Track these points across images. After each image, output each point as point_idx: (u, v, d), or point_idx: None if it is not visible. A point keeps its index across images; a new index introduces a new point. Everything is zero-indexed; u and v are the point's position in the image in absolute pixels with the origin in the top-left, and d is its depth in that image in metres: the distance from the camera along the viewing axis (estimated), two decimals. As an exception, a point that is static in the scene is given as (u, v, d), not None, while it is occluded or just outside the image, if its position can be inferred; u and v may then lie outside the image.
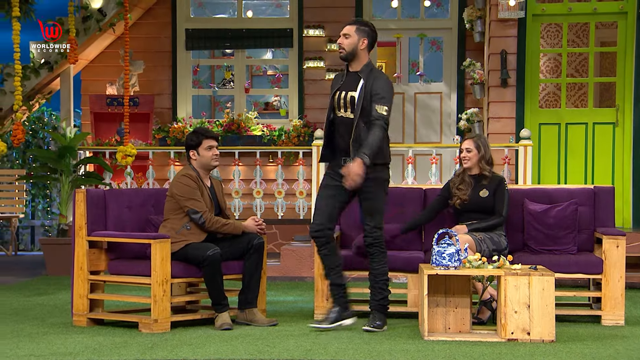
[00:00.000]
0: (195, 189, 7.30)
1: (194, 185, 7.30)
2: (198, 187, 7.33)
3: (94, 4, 11.93)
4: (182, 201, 7.28)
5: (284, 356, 6.07)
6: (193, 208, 7.25)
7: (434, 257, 6.86)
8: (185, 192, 7.27)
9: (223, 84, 13.80)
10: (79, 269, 7.43)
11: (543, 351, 6.31)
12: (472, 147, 7.82)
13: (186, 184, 7.29)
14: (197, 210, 7.25)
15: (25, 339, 6.74)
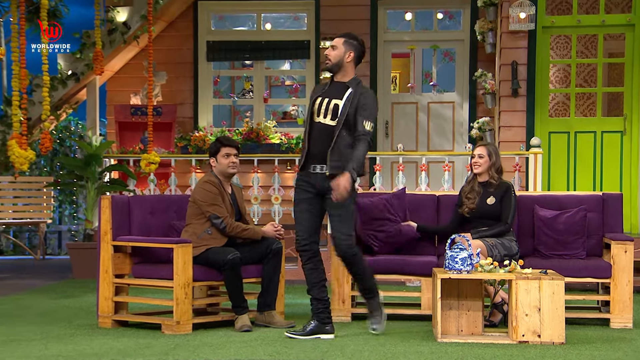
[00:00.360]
0: (216, 195, 7.31)
1: (216, 191, 7.32)
2: (219, 193, 7.34)
3: (119, 17, 11.98)
4: (203, 206, 7.29)
5: (302, 358, 6.08)
6: (214, 213, 7.27)
7: (447, 261, 6.85)
8: (207, 198, 7.29)
9: (242, 94, 13.82)
10: (104, 272, 7.45)
11: (553, 353, 6.29)
12: (484, 153, 7.81)
13: (208, 190, 7.31)
14: (219, 216, 7.26)
15: (53, 339, 6.77)
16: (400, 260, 7.78)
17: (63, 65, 11.99)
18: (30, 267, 12.79)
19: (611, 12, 11.83)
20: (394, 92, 13.47)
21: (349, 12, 12.66)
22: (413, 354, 6.22)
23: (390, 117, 12.83)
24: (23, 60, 9.90)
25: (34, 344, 6.59)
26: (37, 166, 15.23)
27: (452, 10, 13.00)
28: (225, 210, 7.33)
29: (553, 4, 12.00)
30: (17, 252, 15.15)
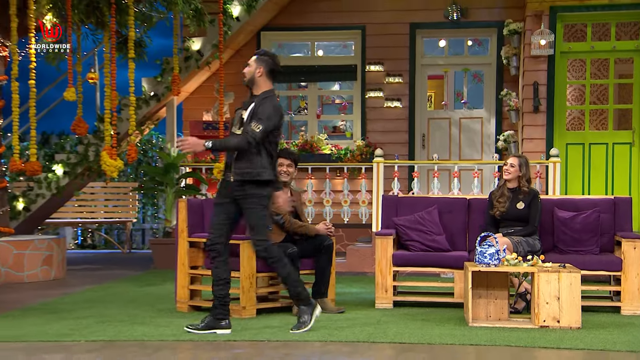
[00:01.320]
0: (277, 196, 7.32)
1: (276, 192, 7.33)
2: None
3: (193, 46, 12.08)
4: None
5: (351, 339, 6.07)
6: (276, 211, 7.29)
7: (477, 256, 6.82)
8: None
9: (298, 111, 13.85)
10: (182, 264, 7.51)
11: (571, 337, 6.22)
12: (515, 163, 7.77)
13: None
14: (279, 213, 7.28)
15: (138, 321, 6.84)
16: (436, 255, 7.75)
17: (146, 87, 12.13)
18: (119, 260, 12.94)
19: (621, 39, 11.68)
20: (430, 109, 13.41)
21: (390, 40, 12.63)
22: (447, 336, 6.18)
23: (427, 131, 12.78)
24: (114, 83, 10.04)
25: (122, 324, 6.67)
26: (125, 174, 15.40)
27: (481, 38, 12.92)
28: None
29: (570, 32, 11.87)
30: (107, 247, 15.34)
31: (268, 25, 12.84)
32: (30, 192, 11.40)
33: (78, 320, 6.93)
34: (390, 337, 6.15)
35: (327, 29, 12.88)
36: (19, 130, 10.23)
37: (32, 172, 9.86)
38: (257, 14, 12.11)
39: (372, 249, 10.21)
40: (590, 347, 5.84)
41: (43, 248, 10.01)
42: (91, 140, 11.67)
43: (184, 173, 11.77)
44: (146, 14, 10.59)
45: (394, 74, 12.67)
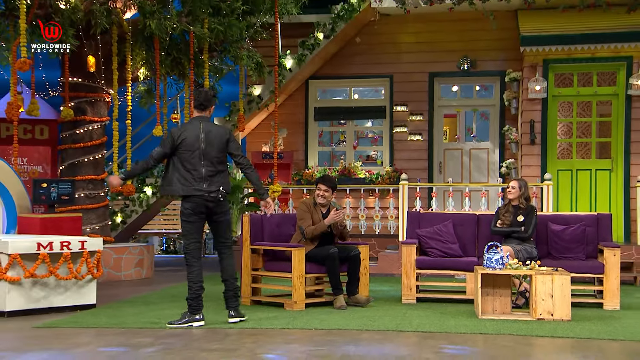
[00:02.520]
0: (305, 212, 7.33)
1: (305, 209, 7.37)
2: (308, 210, 7.35)
3: (255, 92, 12.21)
4: (297, 220, 7.39)
5: (382, 328, 6.07)
6: (301, 226, 7.32)
7: (485, 261, 6.78)
8: (299, 215, 7.42)
9: (339, 143, 13.89)
10: (245, 267, 7.56)
11: (562, 327, 6.15)
12: (516, 186, 7.74)
13: (299, 209, 7.44)
14: (302, 226, 7.30)
15: (210, 312, 6.89)
16: (451, 260, 7.71)
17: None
18: (194, 262, 13.00)
19: (601, 86, 11.56)
20: (445, 141, 13.37)
21: (413, 86, 12.65)
22: (461, 326, 6.15)
23: (443, 159, 12.73)
24: (191, 122, 10.15)
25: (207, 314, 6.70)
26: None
27: (487, 84, 12.86)
28: (310, 222, 7.30)
29: (559, 79, 11.79)
30: (185, 252, 15.41)
31: (315, 74, 12.93)
32: (127, 208, 11.57)
33: (164, 311, 7.01)
34: (414, 326, 6.13)
35: (362, 77, 12.93)
36: (118, 160, 10.42)
37: (128, 192, 10.02)
38: (305, 66, 12.21)
39: (398, 255, 10.19)
40: (579, 336, 5.78)
41: (136, 253, 10.15)
42: (174, 167, 11.79)
43: (247, 193, 11.86)
44: (218, 67, 10.74)
45: (416, 113, 12.67)
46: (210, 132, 6.23)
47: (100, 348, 5.39)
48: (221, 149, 6.24)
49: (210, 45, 9.84)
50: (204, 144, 6.16)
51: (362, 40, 12.71)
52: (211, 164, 6.19)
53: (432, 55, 12.54)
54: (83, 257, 7.07)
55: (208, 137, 6.19)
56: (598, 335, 5.80)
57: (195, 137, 6.16)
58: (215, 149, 6.19)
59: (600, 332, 5.92)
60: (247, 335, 5.85)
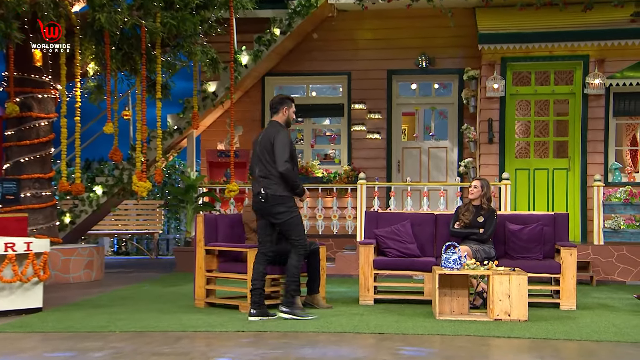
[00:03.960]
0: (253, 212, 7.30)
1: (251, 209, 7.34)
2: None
3: (210, 88, 12.10)
4: (248, 224, 7.42)
5: (339, 330, 6.07)
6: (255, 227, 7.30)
7: (443, 261, 6.83)
8: (249, 218, 7.47)
9: (296, 142, 13.87)
10: (199, 268, 7.50)
11: (519, 327, 6.23)
12: (479, 185, 7.80)
13: (248, 212, 7.50)
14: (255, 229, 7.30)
15: (163, 315, 6.82)
16: (409, 261, 7.75)
17: (171, 122, 12.13)
18: (147, 264, 12.90)
19: (559, 84, 11.75)
20: (404, 140, 13.45)
21: (371, 83, 12.69)
22: (419, 327, 6.19)
23: (401, 158, 12.81)
24: (144, 119, 10.04)
25: (150, 317, 6.65)
26: (152, 193, 15.38)
27: (445, 82, 12.98)
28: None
29: (517, 78, 11.96)
30: (138, 254, 15.28)
31: (271, 71, 12.87)
32: (76, 208, 11.38)
33: (113, 314, 6.91)
34: (371, 328, 6.15)
35: (320, 74, 12.92)
36: (66, 158, 10.22)
37: (77, 192, 9.85)
38: (262, 62, 12.15)
39: (356, 255, 10.21)
40: (535, 336, 5.86)
41: (85, 255, 9.98)
42: (125, 165, 11.66)
43: (202, 193, 11.76)
44: (171, 62, 10.62)
45: (374, 111, 12.72)
46: (264, 135, 6.68)
47: (46, 353, 5.27)
48: (269, 151, 6.57)
49: (162, 40, 9.72)
50: (258, 147, 6.66)
51: (319, 36, 12.70)
52: (263, 167, 6.61)
53: (390, 52, 12.61)
54: (29, 259, 6.92)
55: (262, 140, 6.64)
56: (554, 336, 5.89)
57: (255, 141, 6.76)
58: (264, 152, 6.60)
59: (557, 332, 6.02)
60: (200, 338, 5.80)
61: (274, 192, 6.52)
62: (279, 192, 6.53)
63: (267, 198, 6.53)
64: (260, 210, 6.63)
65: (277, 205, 6.53)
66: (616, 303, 7.89)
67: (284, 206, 6.55)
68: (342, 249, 11.35)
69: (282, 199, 6.54)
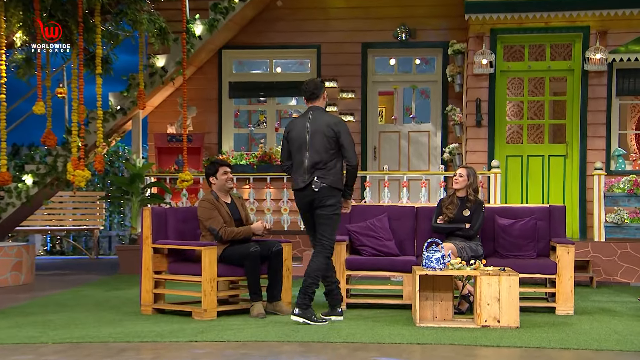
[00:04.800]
0: (212, 210, 7.29)
1: (211, 207, 7.30)
2: (215, 207, 7.31)
3: (158, 63, 12.00)
4: (203, 221, 7.31)
5: (306, 339, 6.08)
6: (211, 226, 7.25)
7: (424, 260, 6.86)
8: (204, 214, 7.31)
9: (258, 125, 13.83)
10: (146, 269, 7.46)
11: (510, 335, 6.29)
12: (464, 174, 7.83)
13: (204, 207, 7.34)
14: (215, 228, 7.24)
15: (104, 323, 6.77)
16: (386, 260, 7.78)
17: (113, 101, 12.02)
18: (86, 265, 12.78)
19: (555, 60, 11.87)
20: (381, 123, 13.49)
21: (344, 58, 12.69)
22: (396, 335, 6.22)
23: (378, 143, 12.84)
24: (81, 98, 9.93)
25: (89, 327, 6.60)
26: (92, 183, 15.23)
27: (428, 57, 13.03)
28: (221, 221, 7.28)
29: (509, 52, 12.05)
30: (75, 253, 15.15)
31: (229, 43, 12.80)
32: (1, 200, 11.22)
33: (46, 323, 6.84)
34: (343, 337, 6.16)
35: (285, 47, 12.89)
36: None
37: (2, 181, 9.71)
38: (218, 33, 12.07)
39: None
40: (528, 345, 5.92)
41: (13, 254, 9.86)
42: (60, 151, 11.53)
43: (149, 183, 11.68)
44: (113, 32, 10.49)
45: (347, 90, 12.73)
46: (316, 121, 6.91)
47: (-34, 370, 5.20)
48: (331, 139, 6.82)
49: (103, 6, 9.60)
50: (307, 134, 6.89)
51: (284, 4, 12.66)
52: (317, 155, 6.85)
53: (365, 22, 12.61)
54: (-54, 261, 6.80)
55: (315, 127, 6.87)
56: (549, 344, 5.96)
57: (292, 129, 6.98)
58: (323, 139, 6.83)
59: (552, 341, 6.09)
60: (147, 350, 5.77)
61: (331, 183, 6.85)
62: (335, 185, 6.86)
63: (321, 189, 6.83)
64: (309, 202, 6.91)
65: (330, 197, 6.85)
66: (618, 307, 8.01)
67: (335, 199, 6.88)
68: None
69: (336, 192, 6.89)
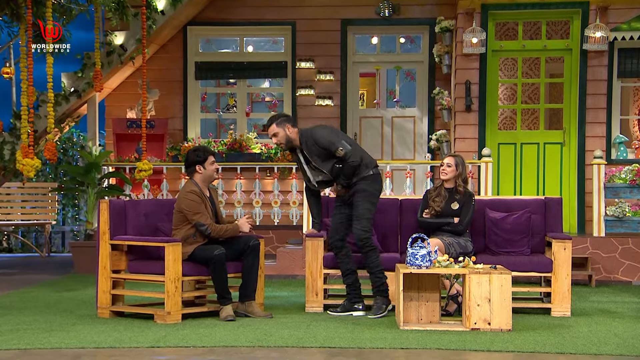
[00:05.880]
0: (200, 204, 7.26)
1: (199, 200, 7.27)
2: (202, 201, 7.29)
3: (116, 40, 11.92)
4: (189, 215, 7.24)
5: (280, 344, 6.07)
6: (200, 221, 7.22)
7: (409, 258, 6.87)
8: (192, 207, 7.24)
9: (227, 109, 13.79)
10: (103, 268, 7.41)
11: (501, 339, 6.32)
12: (452, 163, 7.84)
13: (192, 200, 7.26)
14: (204, 223, 7.21)
15: (56, 328, 6.72)
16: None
17: (66, 83, 11.92)
18: (37, 264, 12.69)
19: (552, 38, 11.92)
20: (362, 107, 13.50)
21: (321, 36, 12.67)
22: (378, 340, 6.23)
23: (359, 130, 12.85)
24: (30, 78, 9.83)
25: (38, 332, 6.55)
26: (43, 173, 15.11)
27: (413, 35, 13.05)
28: (209, 216, 7.28)
29: (501, 30, 12.08)
30: (25, 250, 15.02)
31: (195, 19, 12.73)
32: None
33: (-8, 328, 6.78)
34: (320, 341, 6.16)
35: (257, 24, 12.84)
36: None
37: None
38: (183, 8, 12.00)
39: (302, 251, 10.22)
40: (521, 350, 5.95)
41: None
42: (7, 138, 11.42)
43: (107, 173, 11.60)
44: (65, 6, 10.39)
45: (325, 71, 12.71)
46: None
47: None
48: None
49: (54, -23, 9.50)
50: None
51: (256, -25, 12.61)
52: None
53: (345, -3, 12.60)
54: None
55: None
56: (544, 349, 5.99)
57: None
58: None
59: (547, 345, 6.13)
60: (104, 356, 5.74)
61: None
62: None
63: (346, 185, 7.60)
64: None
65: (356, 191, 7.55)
66: (619, 308, 8.08)
67: None
68: (285, 244, 11.34)
69: None
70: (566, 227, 11.17)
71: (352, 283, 7.56)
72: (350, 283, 7.56)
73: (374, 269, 7.41)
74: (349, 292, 7.56)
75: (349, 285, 7.56)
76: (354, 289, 7.56)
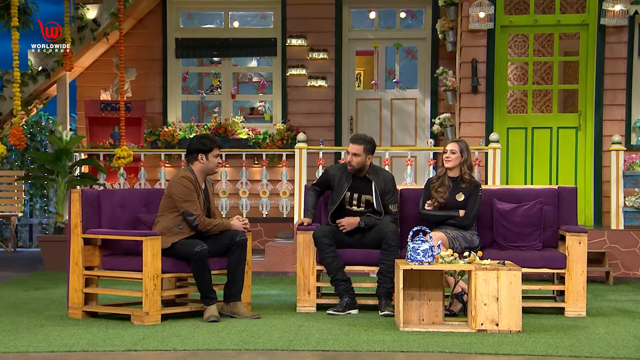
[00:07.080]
0: (192, 192, 7.26)
1: (192, 188, 7.26)
2: (195, 190, 7.29)
3: (88, 14, 11.89)
4: (179, 202, 7.23)
5: (268, 346, 6.08)
6: (189, 210, 7.21)
7: (409, 252, 6.88)
8: (183, 194, 7.23)
9: (211, 90, 13.78)
10: (75, 264, 7.40)
11: (510, 341, 6.34)
12: (456, 149, 7.83)
13: (185, 186, 7.25)
14: (193, 213, 7.21)
15: (23, 330, 6.71)
16: (364, 253, 7.78)
17: (33, 61, 11.89)
18: (2, 260, 12.67)
19: (566, 12, 11.91)
20: (359, 88, 13.50)
21: (314, 10, 12.65)
22: (376, 342, 6.24)
23: (355, 113, 12.85)
24: (-6, 56, 9.81)
25: (4, 334, 6.54)
26: (8, 160, 15.09)
27: (414, 9, 13.04)
28: (200, 207, 7.29)
29: (511, 3, 12.08)
30: (-11, 245, 15.01)
31: (175, -9, 12.75)
32: None
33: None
34: (312, 344, 6.17)
35: (243, -4, 12.86)
36: None
37: None
38: (162, -21, 11.98)
39: (293, 245, 10.23)
40: (531, 353, 5.97)
41: None
42: (-31, 122, 11.40)
43: (79, 160, 11.59)
44: (33, -24, 10.39)
45: (318, 49, 12.70)
46: None
47: None
48: None
49: (20, -56, 9.47)
50: None
51: (242, -56, 12.59)
52: None
53: (340, -33, 12.59)
54: None
55: None
56: (557, 352, 6.01)
57: None
58: None
59: (560, 347, 6.15)
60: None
61: None
62: None
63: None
64: None
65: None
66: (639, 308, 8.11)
67: None
68: (275, 238, 11.35)
69: None
70: (581, 219, 11.20)
71: (348, 279, 7.65)
72: (347, 279, 7.64)
73: (391, 267, 7.51)
74: (349, 289, 7.62)
75: (346, 281, 7.62)
76: (350, 284, 7.65)
